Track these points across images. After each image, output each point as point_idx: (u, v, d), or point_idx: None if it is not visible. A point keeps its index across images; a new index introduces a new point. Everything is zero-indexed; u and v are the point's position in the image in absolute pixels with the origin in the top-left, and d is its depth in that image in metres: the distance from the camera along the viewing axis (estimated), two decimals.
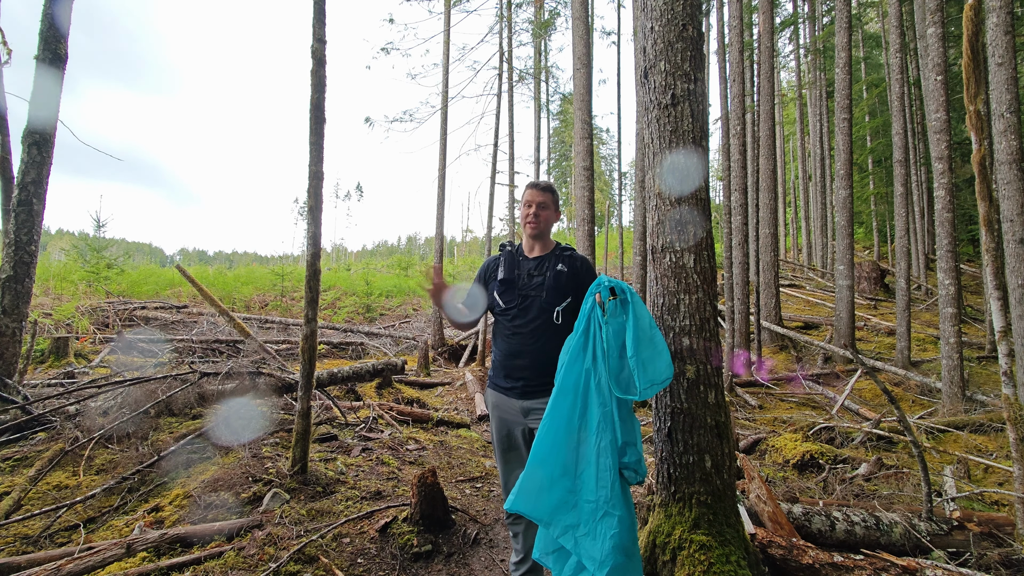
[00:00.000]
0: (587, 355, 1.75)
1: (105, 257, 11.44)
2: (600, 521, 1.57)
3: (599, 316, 1.77)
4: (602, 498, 1.59)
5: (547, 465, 1.67)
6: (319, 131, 3.10)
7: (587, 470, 1.64)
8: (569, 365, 1.75)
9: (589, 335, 1.77)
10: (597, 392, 1.69)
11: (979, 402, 6.04)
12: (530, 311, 2.05)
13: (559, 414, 1.71)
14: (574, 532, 1.61)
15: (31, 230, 4.04)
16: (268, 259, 62.72)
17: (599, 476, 1.61)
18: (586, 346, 1.76)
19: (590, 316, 1.79)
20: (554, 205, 2.18)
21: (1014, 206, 4.68)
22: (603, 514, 1.57)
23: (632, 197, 12.86)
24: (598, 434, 1.65)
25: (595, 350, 1.74)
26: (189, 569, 2.18)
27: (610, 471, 1.60)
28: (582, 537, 1.59)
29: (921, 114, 14.03)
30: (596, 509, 1.59)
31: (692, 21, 2.29)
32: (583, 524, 1.60)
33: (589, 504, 1.60)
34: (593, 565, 1.54)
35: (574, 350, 1.77)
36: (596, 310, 1.79)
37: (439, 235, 10.24)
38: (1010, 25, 4.86)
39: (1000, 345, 2.54)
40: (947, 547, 2.56)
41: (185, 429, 3.69)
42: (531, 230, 2.13)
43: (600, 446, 1.64)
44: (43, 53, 4.10)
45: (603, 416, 1.66)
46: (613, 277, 1.83)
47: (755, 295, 8.97)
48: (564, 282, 2.04)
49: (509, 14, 10.72)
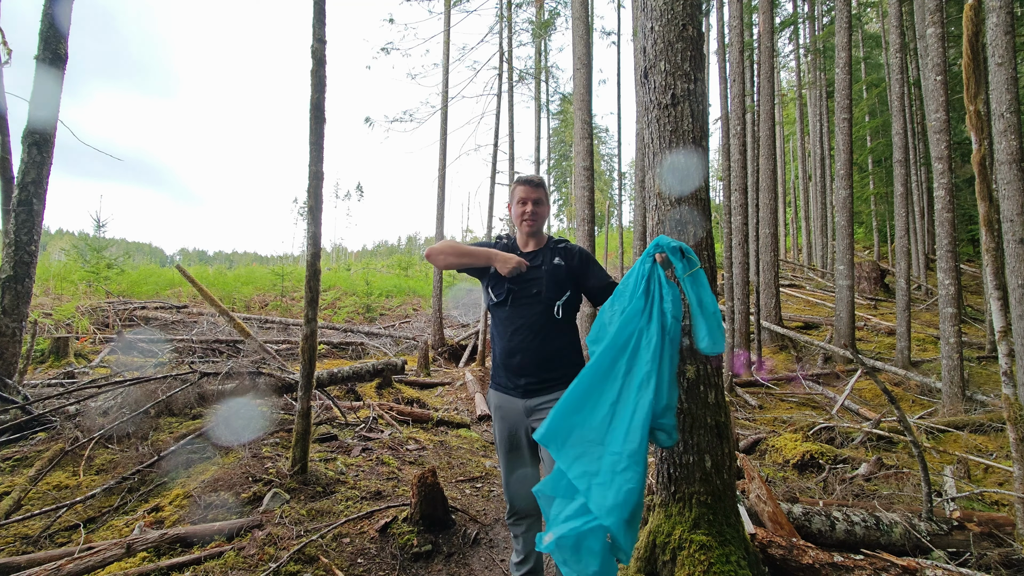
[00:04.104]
0: (644, 316, 1.73)
1: (105, 257, 11.44)
2: (620, 473, 1.57)
3: (662, 277, 1.75)
4: (627, 452, 1.59)
5: (581, 413, 1.67)
6: (319, 131, 3.10)
7: (620, 425, 1.64)
8: (623, 325, 1.73)
9: (649, 296, 1.74)
10: (648, 351, 1.68)
11: (979, 402, 6.04)
12: (528, 307, 2.03)
13: (601, 367, 1.70)
14: (591, 479, 1.61)
15: (31, 230, 4.04)
16: (268, 259, 62.68)
17: (630, 431, 1.61)
18: (645, 308, 1.73)
19: (650, 277, 1.76)
20: (547, 199, 2.18)
21: (1014, 206, 4.67)
22: (624, 467, 1.57)
23: (632, 197, 12.86)
24: (639, 392, 1.65)
25: (652, 310, 1.72)
26: (189, 569, 2.18)
27: (641, 429, 1.60)
28: (597, 484, 1.59)
29: (921, 114, 14.03)
30: (618, 461, 1.59)
31: (692, 21, 2.29)
32: (602, 473, 1.60)
33: (612, 456, 1.60)
34: (601, 512, 1.54)
35: (630, 311, 1.74)
36: (658, 269, 1.76)
37: (439, 235, 10.24)
38: (1010, 25, 4.86)
39: (1000, 345, 2.54)
40: (947, 547, 2.56)
41: (185, 429, 3.69)
42: (529, 228, 2.11)
43: (639, 404, 1.64)
44: (43, 53, 4.10)
45: (646, 376, 1.66)
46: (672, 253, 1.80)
47: (755, 295, 8.97)
48: (563, 277, 2.03)
49: (509, 14, 10.73)
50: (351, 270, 21.81)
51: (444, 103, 10.19)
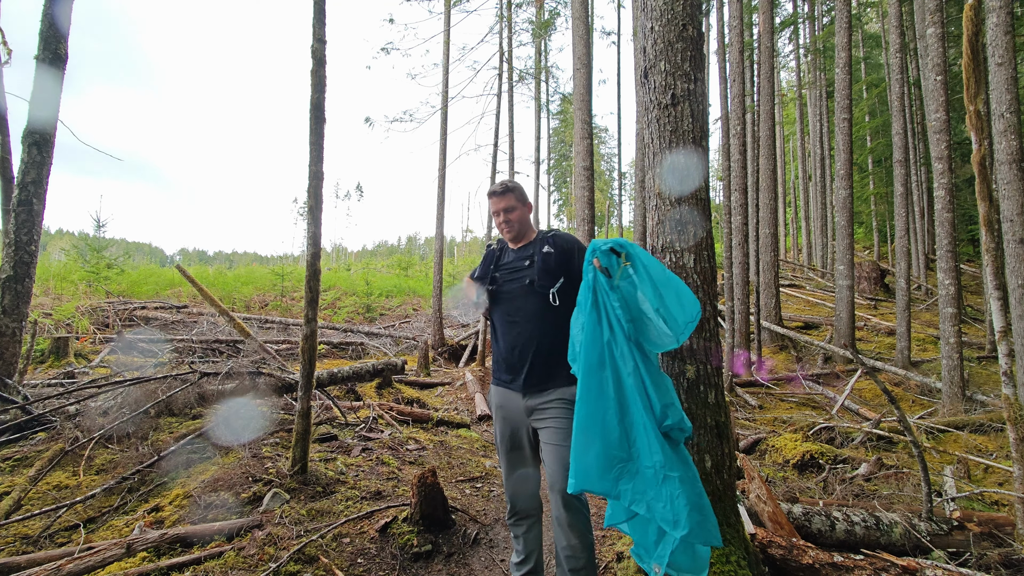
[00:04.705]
0: (603, 327, 1.69)
1: (105, 257, 11.44)
2: (662, 485, 1.57)
3: (605, 283, 1.70)
4: (657, 463, 1.58)
5: (596, 442, 1.65)
6: (319, 131, 3.10)
7: (640, 437, 1.63)
8: (589, 344, 1.70)
9: (599, 306, 1.71)
10: (623, 362, 1.66)
11: (979, 402, 6.04)
12: (523, 297, 2.05)
13: (591, 392, 1.68)
14: (644, 497, 1.60)
15: (31, 230, 4.04)
16: (268, 259, 62.73)
17: (649, 442, 1.60)
18: (600, 319, 1.70)
19: (595, 286, 1.72)
20: (520, 201, 2.18)
21: (1014, 206, 4.68)
22: (663, 478, 1.57)
23: (632, 197, 12.87)
24: (635, 402, 1.64)
25: (609, 319, 1.68)
26: (189, 569, 2.18)
27: (656, 435, 1.60)
28: (653, 501, 1.59)
29: (921, 114, 14.03)
30: (656, 474, 1.58)
31: (692, 21, 2.29)
32: (650, 489, 1.59)
33: (650, 469, 1.60)
34: (669, 527, 1.55)
35: (589, 326, 1.71)
36: (599, 278, 1.72)
37: (439, 235, 10.24)
38: (1010, 25, 4.86)
39: (1000, 345, 2.54)
40: (947, 547, 2.56)
41: (185, 429, 3.69)
42: (509, 235, 2.19)
43: (644, 417, 1.62)
44: (43, 53, 4.10)
45: (634, 384, 1.64)
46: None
47: (755, 295, 8.97)
48: (553, 263, 2.04)
49: (509, 14, 10.73)
50: (351, 270, 21.82)
51: (444, 103, 10.19)
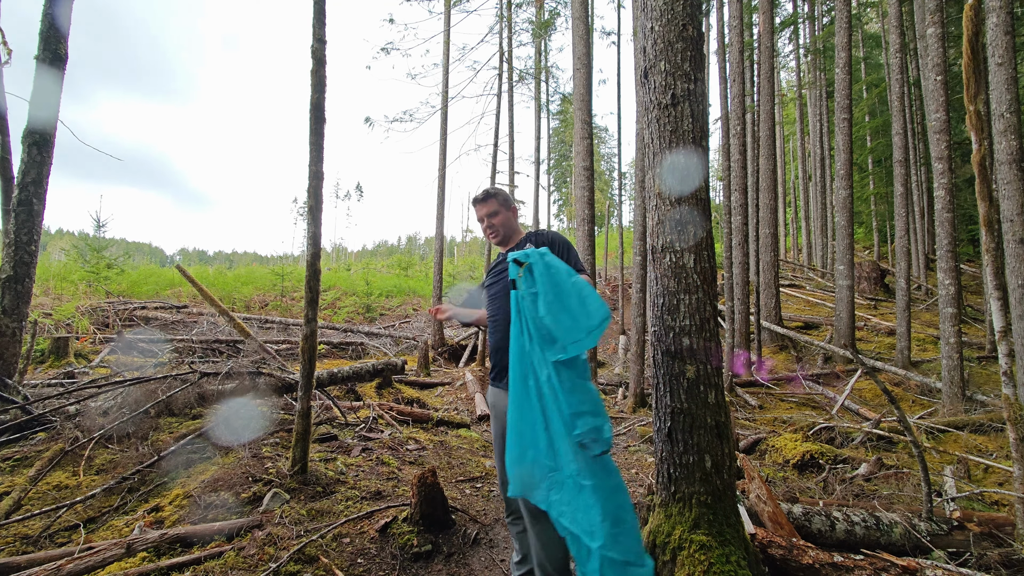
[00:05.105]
0: (524, 336, 1.73)
1: (105, 257, 11.43)
2: (578, 495, 1.56)
3: (519, 295, 1.75)
4: (573, 471, 1.58)
5: (530, 449, 1.66)
6: (319, 131, 3.10)
7: (562, 446, 1.63)
8: (516, 353, 1.74)
9: (520, 315, 1.75)
10: (540, 369, 1.68)
11: (979, 402, 6.04)
12: (503, 297, 2.08)
13: (517, 399, 1.71)
14: (569, 508, 1.60)
15: (31, 230, 4.04)
16: (268, 259, 62.71)
17: (567, 450, 1.60)
18: (521, 328, 1.74)
19: (516, 296, 1.77)
20: (503, 205, 2.23)
21: (1014, 206, 4.67)
22: (579, 488, 1.57)
23: (632, 197, 12.87)
24: (552, 410, 1.64)
25: (529, 329, 1.72)
26: (189, 569, 2.18)
27: (572, 448, 1.59)
28: (576, 512, 1.58)
29: (921, 114, 14.03)
30: (574, 484, 1.58)
31: (692, 21, 2.29)
32: (573, 499, 1.59)
33: (570, 479, 1.60)
34: (588, 538, 1.54)
35: (514, 335, 1.76)
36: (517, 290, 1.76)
37: (439, 235, 10.25)
38: (1010, 25, 4.86)
39: (1000, 345, 2.54)
40: (947, 547, 2.55)
41: (185, 429, 3.69)
42: (495, 239, 2.26)
43: (558, 421, 1.62)
44: (43, 53, 4.10)
45: (549, 392, 1.64)
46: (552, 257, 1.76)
47: (755, 295, 8.97)
48: None
49: (509, 14, 10.73)
50: (351, 270, 21.82)
51: (444, 103, 10.19)
